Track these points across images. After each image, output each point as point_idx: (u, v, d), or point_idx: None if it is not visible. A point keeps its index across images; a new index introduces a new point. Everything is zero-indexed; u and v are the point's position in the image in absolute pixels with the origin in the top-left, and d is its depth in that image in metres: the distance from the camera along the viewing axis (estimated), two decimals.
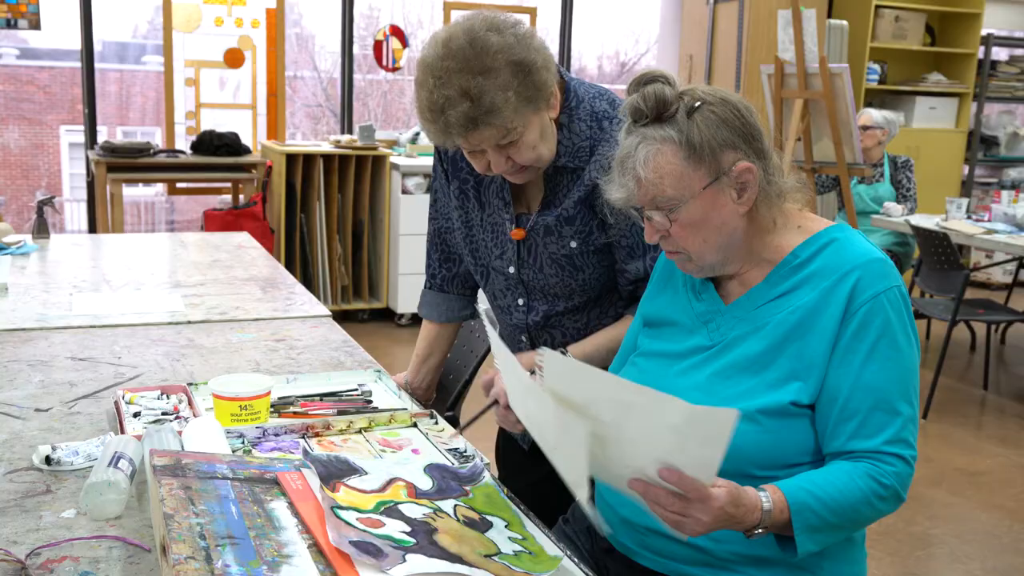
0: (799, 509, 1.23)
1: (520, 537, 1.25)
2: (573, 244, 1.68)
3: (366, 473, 1.33)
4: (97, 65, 5.69)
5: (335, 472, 1.31)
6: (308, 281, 5.48)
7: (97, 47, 5.78)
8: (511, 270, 1.75)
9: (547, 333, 1.78)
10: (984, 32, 6.94)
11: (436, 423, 1.69)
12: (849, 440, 1.29)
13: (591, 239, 1.67)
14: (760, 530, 1.22)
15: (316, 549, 1.11)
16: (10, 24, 5.20)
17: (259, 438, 1.54)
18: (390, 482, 1.33)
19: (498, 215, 1.74)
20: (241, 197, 5.63)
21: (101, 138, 5.49)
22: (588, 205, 1.65)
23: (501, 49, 1.46)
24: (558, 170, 1.66)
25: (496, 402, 1.50)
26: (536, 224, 1.69)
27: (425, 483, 1.36)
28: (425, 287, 2.00)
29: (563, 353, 1.60)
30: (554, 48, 6.89)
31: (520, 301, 1.78)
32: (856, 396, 1.28)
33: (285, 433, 1.57)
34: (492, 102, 1.45)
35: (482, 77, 1.45)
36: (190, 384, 1.77)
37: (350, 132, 6.22)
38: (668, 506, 1.15)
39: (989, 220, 5.07)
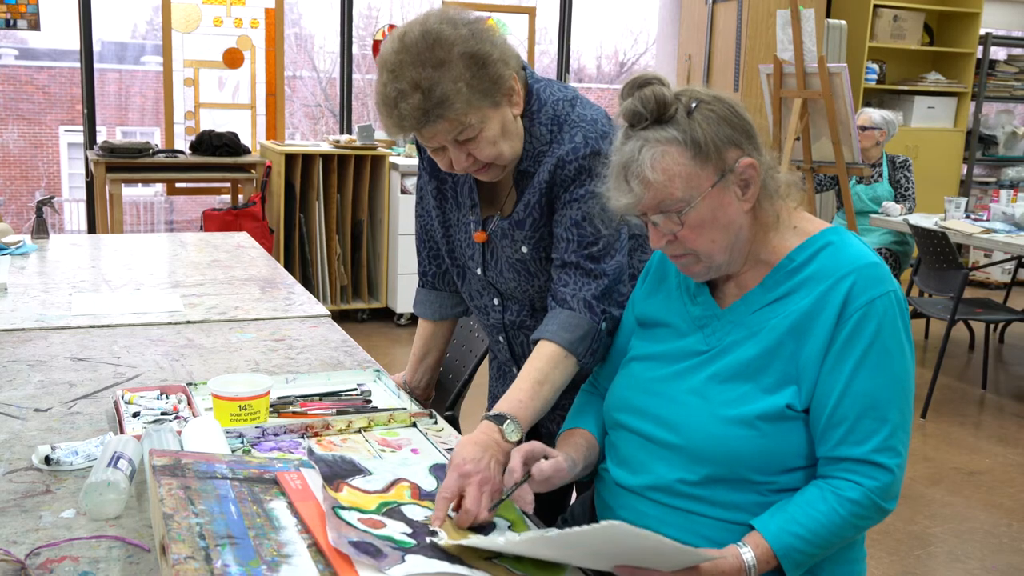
0: (786, 553, 1.27)
1: None
2: (524, 249, 1.65)
3: (371, 473, 1.33)
4: (96, 65, 5.69)
5: (339, 472, 1.31)
6: (307, 281, 5.48)
7: (96, 47, 5.78)
8: (479, 272, 1.75)
9: (523, 334, 1.78)
10: (983, 32, 6.94)
11: (435, 423, 1.69)
12: (837, 446, 1.30)
13: (541, 245, 1.64)
14: None
15: (316, 549, 1.11)
16: (9, 24, 5.19)
17: (258, 438, 1.54)
18: (394, 483, 1.33)
19: (467, 216, 1.73)
20: (240, 197, 5.63)
21: (100, 138, 5.49)
22: (539, 209, 1.62)
23: (455, 42, 1.44)
24: (521, 174, 1.63)
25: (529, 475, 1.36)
26: (496, 228, 1.68)
27: (429, 484, 1.36)
28: (419, 285, 2.00)
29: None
30: (553, 48, 6.89)
31: (495, 301, 1.77)
32: (846, 402, 1.29)
33: (284, 433, 1.57)
34: (443, 93, 1.43)
35: (432, 69, 1.43)
36: (189, 384, 1.77)
37: (349, 132, 6.22)
38: None
39: (988, 219, 5.07)
